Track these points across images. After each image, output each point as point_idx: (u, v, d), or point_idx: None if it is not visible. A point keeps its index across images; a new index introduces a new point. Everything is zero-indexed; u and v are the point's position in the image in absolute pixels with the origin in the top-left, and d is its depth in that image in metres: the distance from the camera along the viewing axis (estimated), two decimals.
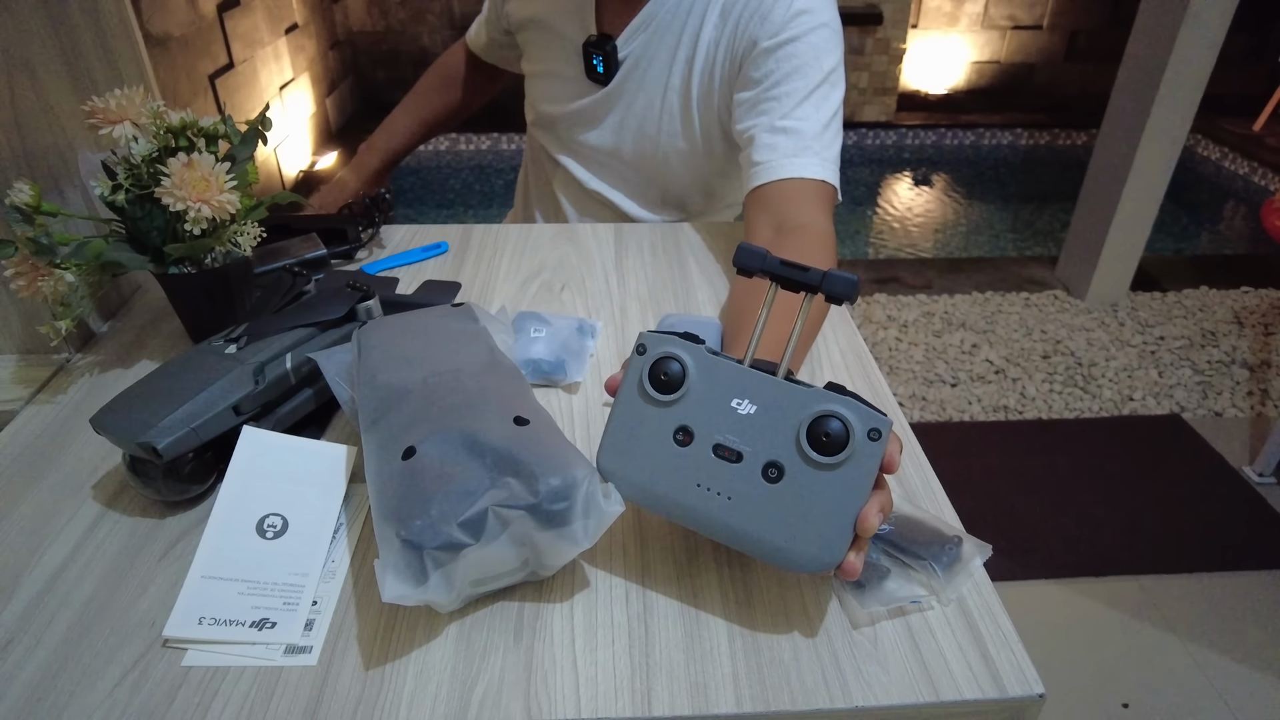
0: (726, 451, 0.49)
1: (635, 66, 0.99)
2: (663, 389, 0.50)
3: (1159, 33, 2.26)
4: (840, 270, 0.48)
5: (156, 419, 0.55)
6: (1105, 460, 2.02)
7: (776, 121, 0.87)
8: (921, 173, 4.09)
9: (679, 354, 0.50)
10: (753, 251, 0.49)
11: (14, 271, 0.67)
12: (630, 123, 1.02)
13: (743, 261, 0.50)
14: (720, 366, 0.49)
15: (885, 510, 0.48)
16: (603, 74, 0.99)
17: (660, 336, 0.51)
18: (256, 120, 0.73)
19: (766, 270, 0.50)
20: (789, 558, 0.48)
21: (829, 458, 0.46)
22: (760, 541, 0.48)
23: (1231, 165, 3.97)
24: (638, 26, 0.96)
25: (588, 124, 1.06)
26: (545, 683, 0.47)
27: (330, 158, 3.54)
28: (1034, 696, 0.47)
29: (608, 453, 0.52)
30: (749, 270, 0.50)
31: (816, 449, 0.47)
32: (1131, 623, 1.60)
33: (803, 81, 0.87)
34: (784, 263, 0.49)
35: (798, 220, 0.81)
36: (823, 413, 0.47)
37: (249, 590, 0.52)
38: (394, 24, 4.10)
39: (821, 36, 0.88)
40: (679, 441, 0.49)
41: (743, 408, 0.49)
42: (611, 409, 0.52)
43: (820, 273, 0.48)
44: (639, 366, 0.51)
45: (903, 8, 3.94)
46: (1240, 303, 2.66)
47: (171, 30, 2.34)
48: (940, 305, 2.64)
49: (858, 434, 0.46)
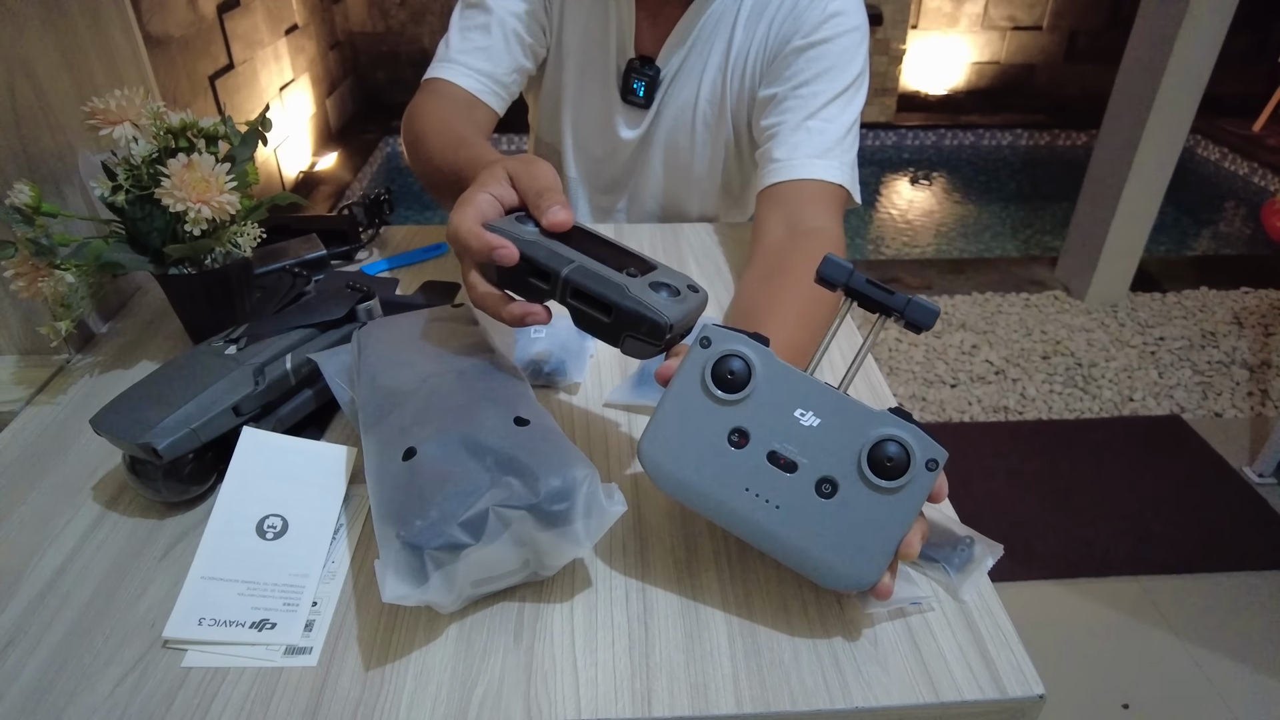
0: (782, 460, 0.48)
1: (672, 84, 0.98)
2: (726, 387, 0.49)
3: (1159, 33, 2.26)
4: (924, 299, 0.47)
5: (156, 420, 0.55)
6: (1105, 460, 2.02)
7: (801, 121, 0.86)
8: (921, 173, 4.09)
9: (747, 353, 0.49)
10: (839, 265, 0.49)
11: (14, 272, 0.67)
12: (660, 136, 1.02)
13: (829, 274, 0.49)
14: (787, 373, 0.49)
15: (925, 537, 0.49)
16: (643, 97, 0.98)
17: (726, 332, 0.49)
18: (256, 121, 0.73)
19: (852, 287, 0.49)
20: (829, 573, 0.48)
21: (887, 481, 0.46)
22: (803, 553, 0.48)
23: (1231, 165, 3.97)
24: (675, 44, 0.95)
25: (621, 148, 1.04)
26: (545, 683, 0.47)
27: (330, 158, 3.54)
28: (1034, 697, 0.47)
29: (652, 442, 0.50)
30: (833, 284, 0.49)
31: (876, 472, 0.46)
32: (1131, 623, 1.60)
33: (831, 84, 0.86)
34: (870, 282, 0.48)
35: (812, 223, 0.81)
36: (888, 437, 0.47)
37: (249, 591, 0.52)
38: (394, 25, 4.11)
39: (853, 40, 0.87)
40: (733, 443, 0.49)
41: (806, 419, 0.48)
42: (662, 398, 0.50)
43: (905, 298, 0.47)
44: (701, 360, 0.49)
45: (903, 8, 3.95)
46: (1240, 303, 2.66)
47: (171, 31, 2.34)
48: (940, 305, 2.65)
49: (918, 462, 0.46)
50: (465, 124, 0.87)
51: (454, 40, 0.94)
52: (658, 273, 0.54)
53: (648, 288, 0.51)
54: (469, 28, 0.93)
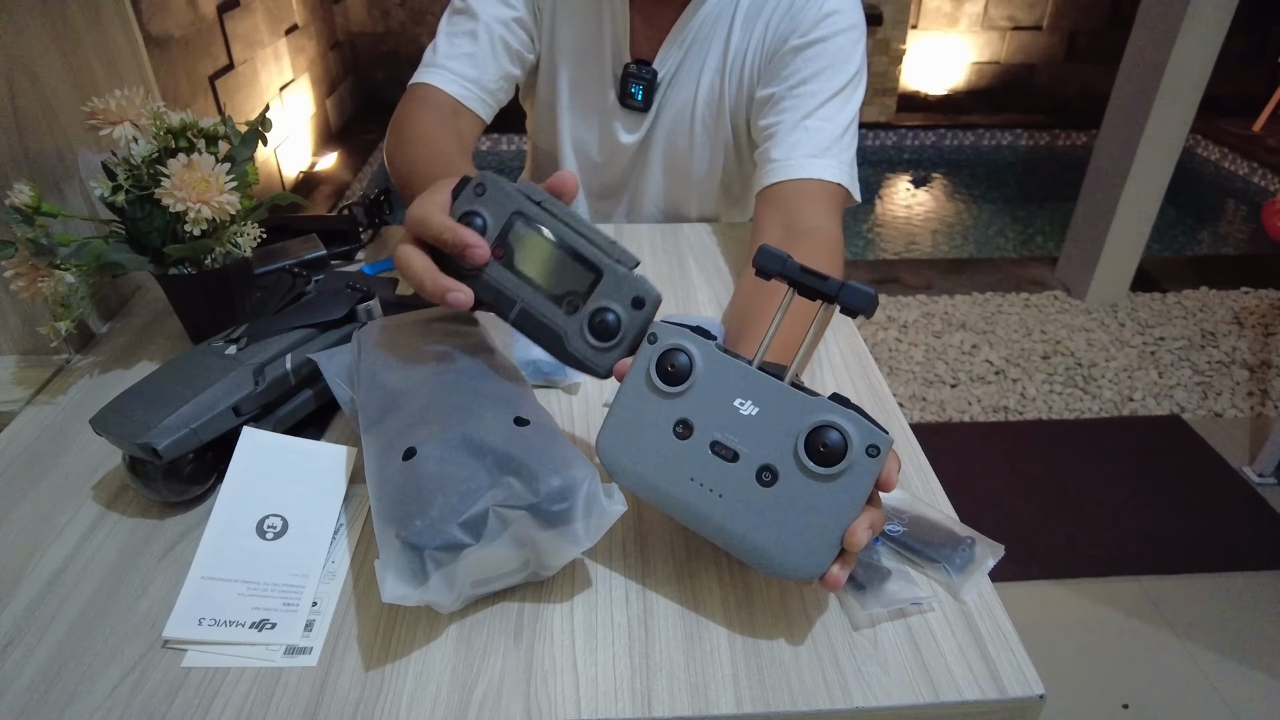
0: (723, 449, 0.49)
1: (670, 86, 0.98)
2: (668, 380, 0.50)
3: (1159, 33, 2.26)
4: (859, 282, 0.48)
5: (156, 420, 0.55)
6: (1105, 460, 2.02)
7: (799, 120, 0.86)
8: (921, 173, 4.09)
9: (688, 346, 0.50)
10: (774, 255, 0.49)
11: (14, 272, 0.67)
12: (659, 139, 1.01)
13: (763, 264, 0.50)
14: (727, 364, 0.49)
15: (876, 527, 0.48)
16: (641, 101, 0.98)
17: (671, 328, 0.51)
18: (256, 121, 0.73)
19: (786, 275, 0.49)
20: (772, 563, 0.48)
21: (824, 469, 0.46)
22: (746, 542, 0.48)
23: (1231, 166, 3.97)
24: (671, 46, 0.95)
25: (620, 153, 1.04)
26: (545, 683, 0.47)
27: (330, 158, 3.54)
28: (1034, 697, 0.47)
29: (607, 436, 0.52)
30: (768, 273, 0.50)
31: (813, 458, 0.47)
32: (1131, 623, 1.60)
33: (828, 83, 0.86)
34: (804, 269, 0.49)
35: (809, 223, 0.81)
36: (823, 423, 0.47)
37: (249, 591, 0.52)
38: (394, 25, 4.11)
39: (850, 39, 0.88)
40: (678, 434, 0.50)
41: (745, 408, 0.49)
42: (617, 393, 0.52)
43: (839, 283, 0.48)
44: (648, 355, 0.51)
45: (903, 8, 3.95)
46: (1240, 303, 2.66)
47: (171, 31, 2.34)
48: (940, 306, 2.64)
49: (856, 448, 0.46)
50: (449, 136, 0.86)
51: (441, 46, 0.94)
52: (602, 288, 0.53)
53: (588, 330, 0.53)
54: (456, 34, 0.93)
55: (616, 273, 0.53)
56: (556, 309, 0.54)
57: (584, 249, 0.53)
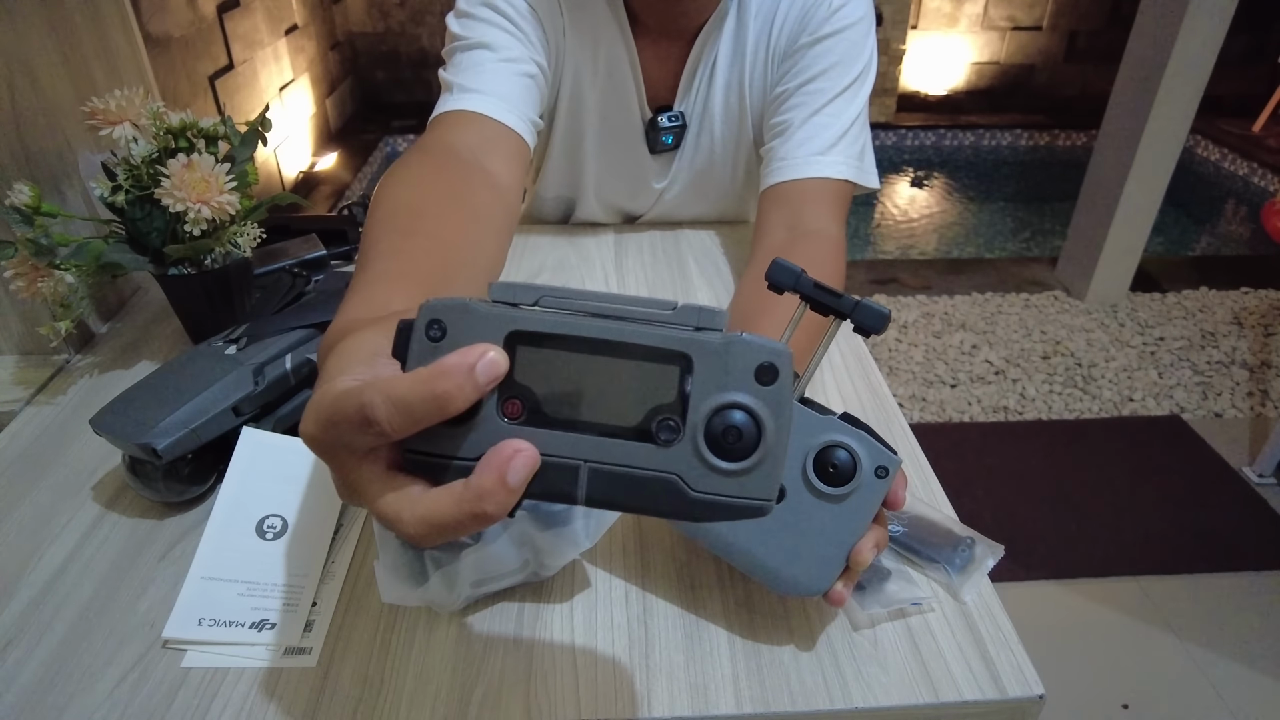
0: None
1: (692, 119, 0.96)
2: None
3: (1159, 33, 2.26)
4: (872, 301, 0.47)
5: (156, 420, 0.55)
6: (1105, 460, 2.02)
7: (807, 117, 0.86)
8: (921, 173, 4.09)
9: None
10: (787, 269, 0.49)
11: (14, 272, 0.67)
12: (686, 169, 1.00)
13: (776, 278, 0.49)
14: None
15: (881, 545, 0.48)
16: (672, 143, 0.96)
17: None
18: (256, 121, 0.73)
19: (799, 290, 0.49)
20: (777, 579, 0.48)
21: (833, 489, 0.46)
22: (750, 558, 0.48)
23: (1231, 166, 3.98)
24: (688, 81, 0.92)
25: (651, 194, 1.02)
26: (545, 683, 0.47)
27: (330, 158, 3.54)
28: (1034, 697, 0.47)
29: None
30: (781, 287, 0.49)
31: (821, 478, 0.46)
32: (1131, 623, 1.60)
33: (837, 79, 0.86)
34: (818, 285, 0.48)
35: (813, 225, 0.81)
36: (832, 443, 0.46)
37: (248, 591, 0.52)
38: (394, 25, 4.11)
39: (859, 32, 0.87)
40: None
41: None
42: None
43: (853, 301, 0.47)
44: None
45: (902, 8, 3.95)
46: (1240, 303, 2.67)
47: (171, 31, 2.34)
48: (940, 306, 2.65)
49: (865, 469, 0.46)
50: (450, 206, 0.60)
51: (465, 79, 0.76)
52: (700, 380, 0.32)
53: (710, 452, 0.33)
54: (477, 64, 0.77)
55: (707, 346, 0.32)
56: (645, 446, 0.32)
57: (640, 336, 0.32)
